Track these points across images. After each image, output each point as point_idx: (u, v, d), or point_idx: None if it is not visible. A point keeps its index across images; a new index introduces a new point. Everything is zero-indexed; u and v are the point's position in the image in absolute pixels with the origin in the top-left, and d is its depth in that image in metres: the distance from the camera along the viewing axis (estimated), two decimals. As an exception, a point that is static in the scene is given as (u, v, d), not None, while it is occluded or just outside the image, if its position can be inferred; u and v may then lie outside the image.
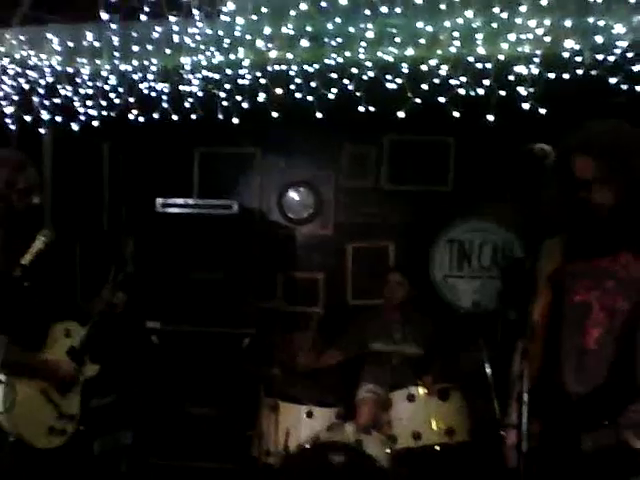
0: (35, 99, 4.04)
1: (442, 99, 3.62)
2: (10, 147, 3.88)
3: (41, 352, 2.85)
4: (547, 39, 3.12)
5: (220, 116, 3.82)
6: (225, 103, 3.87)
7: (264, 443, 3.98)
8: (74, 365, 2.89)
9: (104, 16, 2.54)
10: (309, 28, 3.40)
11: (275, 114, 3.88)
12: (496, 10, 2.89)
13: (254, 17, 3.09)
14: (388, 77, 3.65)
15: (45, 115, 4.09)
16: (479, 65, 3.49)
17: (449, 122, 3.77)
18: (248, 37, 3.33)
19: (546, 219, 2.01)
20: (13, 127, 4.20)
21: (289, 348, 4.80)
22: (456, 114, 3.62)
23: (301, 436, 3.92)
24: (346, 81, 3.77)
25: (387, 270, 4.81)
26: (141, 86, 3.94)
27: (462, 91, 3.59)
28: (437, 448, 3.83)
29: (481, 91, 3.58)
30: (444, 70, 3.58)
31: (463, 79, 3.53)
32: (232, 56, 3.56)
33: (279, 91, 3.75)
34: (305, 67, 3.70)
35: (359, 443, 3.75)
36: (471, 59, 3.42)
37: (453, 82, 3.56)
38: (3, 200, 2.73)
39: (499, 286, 5.01)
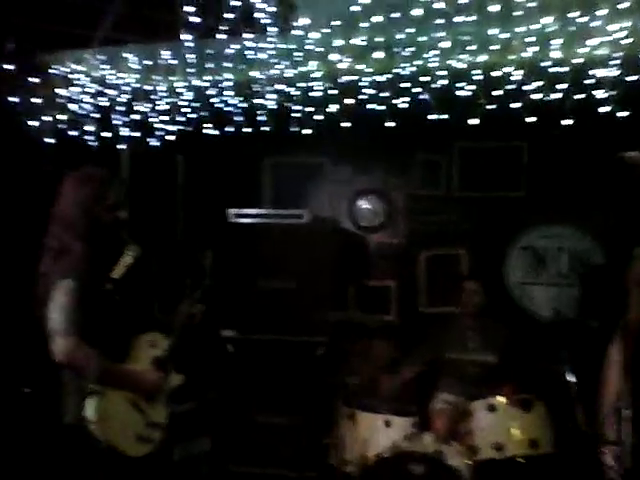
0: (114, 116, 4.19)
1: (516, 105, 3.57)
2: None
3: (127, 362, 2.87)
4: (627, 41, 3.02)
5: (292, 127, 3.86)
6: (296, 114, 3.92)
7: (342, 452, 3.98)
8: (160, 374, 2.91)
9: (184, 37, 2.61)
10: (380, 39, 3.41)
11: (346, 124, 3.90)
12: (573, 14, 2.82)
13: (326, 30, 3.11)
14: (460, 84, 3.62)
15: (123, 131, 4.23)
16: (554, 69, 3.42)
17: (522, 127, 3.70)
18: (320, 50, 3.36)
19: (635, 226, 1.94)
20: (93, 144, 4.37)
21: (364, 357, 4.79)
22: (530, 119, 3.55)
23: (379, 445, 3.88)
24: (417, 89, 3.77)
25: (462, 278, 4.74)
26: (215, 100, 4.03)
27: (536, 96, 3.53)
28: (520, 460, 3.75)
29: (556, 95, 3.51)
30: (518, 75, 3.53)
31: (537, 84, 3.47)
32: (303, 69, 3.59)
33: (350, 101, 3.77)
34: (376, 77, 3.71)
35: (439, 454, 3.70)
36: (546, 64, 3.35)
37: (527, 87, 3.50)
38: (91, 216, 2.77)
39: (579, 294, 4.86)
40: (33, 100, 3.90)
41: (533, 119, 3.54)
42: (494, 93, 3.55)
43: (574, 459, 3.90)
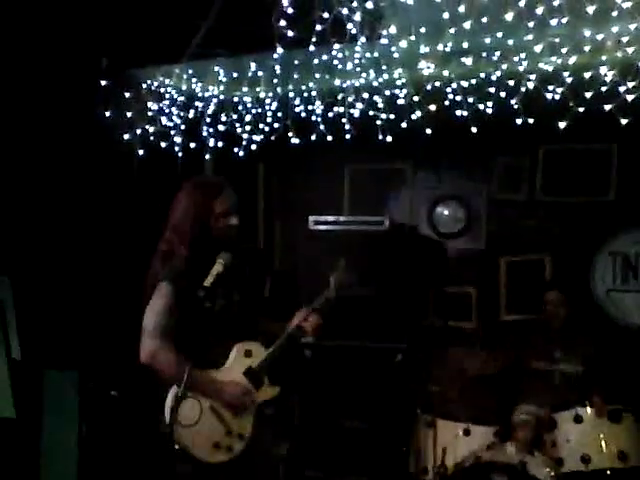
0: (201, 127, 4.31)
1: (607, 106, 3.47)
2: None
3: (220, 370, 2.88)
4: None
5: (376, 135, 3.88)
6: (379, 122, 3.94)
7: (420, 460, 3.96)
8: (245, 388, 2.84)
9: (279, 50, 2.67)
10: (466, 44, 3.39)
11: (428, 130, 3.89)
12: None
13: (412, 38, 3.12)
14: (549, 87, 3.56)
15: (210, 142, 4.35)
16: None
17: (610, 129, 3.60)
18: (405, 57, 3.37)
19: None
20: (180, 154, 4.51)
21: (444, 364, 4.75)
22: (624, 121, 3.45)
23: (457, 454, 3.86)
24: (503, 94, 3.72)
25: (544, 289, 4.61)
26: (299, 109, 4.09)
27: (630, 97, 3.43)
28: (609, 473, 3.64)
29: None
30: (610, 76, 3.44)
31: (631, 84, 3.37)
32: (389, 76, 3.61)
33: (434, 107, 3.76)
34: (461, 82, 3.69)
35: (523, 464, 3.63)
36: (641, 63, 3.25)
37: (620, 88, 3.40)
38: (199, 223, 2.84)
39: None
40: (125, 114, 4.05)
41: (625, 120, 3.43)
42: (584, 95, 3.45)
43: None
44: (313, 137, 4.11)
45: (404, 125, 3.91)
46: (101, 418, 4.15)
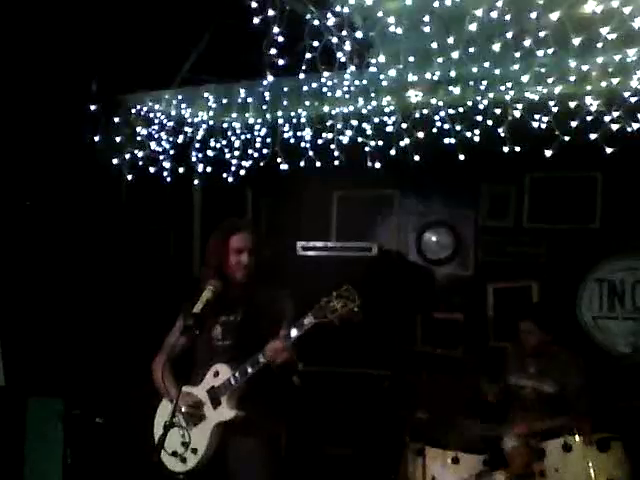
0: (190, 153, 4.33)
1: (593, 135, 3.52)
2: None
3: (193, 387, 3.03)
4: None
5: (365, 162, 3.91)
6: (368, 148, 3.97)
7: (409, 488, 3.93)
8: (208, 403, 2.97)
9: (269, 77, 2.69)
10: (453, 73, 3.44)
11: (417, 157, 3.92)
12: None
13: (401, 66, 3.16)
14: (535, 116, 3.60)
15: (199, 167, 4.36)
16: (634, 99, 3.38)
17: (596, 158, 3.65)
18: (394, 85, 3.41)
19: None
20: (168, 179, 4.50)
21: (432, 391, 4.73)
22: (609, 150, 3.50)
23: (446, 482, 3.84)
24: (490, 122, 3.76)
25: (519, 317, 4.59)
26: (288, 135, 4.12)
27: (615, 126, 3.48)
28: (597, 502, 3.63)
29: (636, 125, 3.45)
30: (595, 106, 3.49)
31: (616, 114, 3.42)
32: (377, 104, 3.64)
33: (422, 135, 3.79)
34: (449, 110, 3.73)
35: (512, 493, 3.62)
36: (626, 94, 3.31)
37: (605, 118, 3.46)
38: (218, 258, 3.07)
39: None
40: (114, 138, 4.05)
41: (610, 149, 3.48)
42: (570, 124, 3.50)
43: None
44: (302, 163, 4.13)
45: (392, 152, 3.94)
46: (86, 445, 4.10)
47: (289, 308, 3.07)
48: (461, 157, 3.85)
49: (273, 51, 2.73)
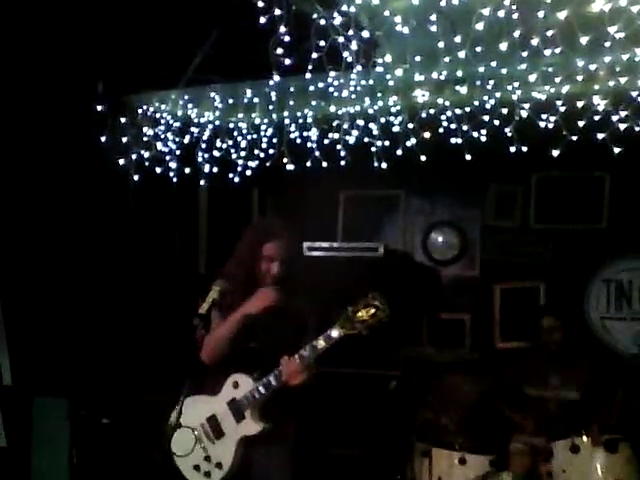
0: (196, 153, 4.33)
1: (600, 135, 3.51)
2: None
3: (210, 397, 2.94)
4: None
5: (371, 162, 3.90)
6: (374, 149, 3.96)
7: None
8: (231, 417, 2.87)
9: (276, 77, 2.68)
10: (460, 73, 3.43)
11: (423, 157, 3.91)
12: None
13: (407, 66, 3.15)
14: (542, 116, 3.59)
15: (205, 167, 4.36)
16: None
17: (603, 158, 3.63)
18: (400, 85, 3.40)
19: None
20: (174, 180, 4.51)
21: (439, 392, 4.72)
22: (616, 149, 3.48)
23: (453, 483, 3.83)
24: (496, 122, 3.75)
25: (540, 314, 4.61)
26: (294, 136, 4.11)
27: (622, 125, 3.46)
28: (605, 503, 3.62)
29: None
30: (602, 105, 3.48)
31: (623, 113, 3.41)
32: (383, 104, 3.64)
33: (428, 135, 3.78)
34: (455, 110, 3.72)
35: (519, 494, 3.61)
36: (634, 93, 3.29)
37: (613, 117, 3.44)
38: (247, 260, 2.97)
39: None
40: (121, 139, 4.06)
41: (618, 149, 3.46)
42: (577, 123, 3.49)
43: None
44: (308, 163, 4.12)
45: (399, 152, 3.93)
46: (92, 446, 4.10)
47: (312, 315, 2.98)
48: (468, 157, 3.84)
49: (280, 51, 2.72)
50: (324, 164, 4.12)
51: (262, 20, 2.66)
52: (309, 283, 4.80)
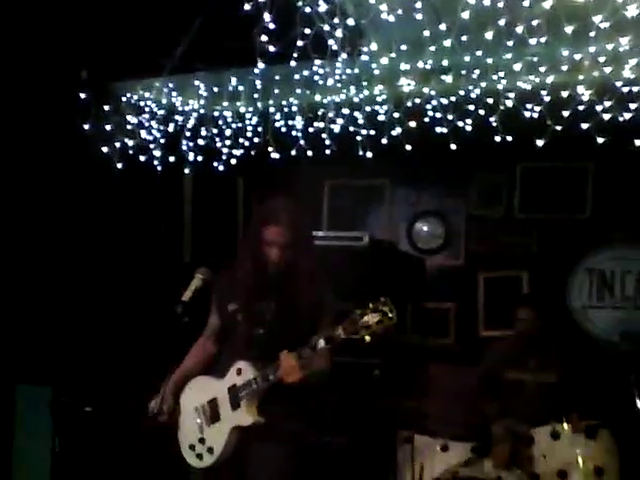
0: (181, 141, 4.30)
1: (584, 125, 3.52)
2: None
3: (217, 380, 2.89)
4: None
5: (356, 151, 3.90)
6: (360, 138, 3.96)
7: (398, 476, 3.95)
8: (228, 403, 2.81)
9: (260, 65, 2.67)
10: (446, 62, 3.43)
11: (408, 147, 3.91)
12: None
13: (393, 55, 3.14)
14: (527, 105, 3.60)
15: (190, 156, 4.34)
16: (626, 89, 3.38)
17: (587, 148, 3.66)
18: (386, 74, 3.39)
19: None
20: (159, 168, 4.48)
21: (422, 380, 4.75)
22: (600, 140, 3.50)
23: (435, 470, 3.85)
24: (482, 112, 3.76)
25: (516, 305, 4.62)
26: (279, 124, 4.10)
27: (606, 116, 3.49)
28: (585, 489, 3.66)
29: (627, 115, 3.46)
30: (587, 95, 3.50)
31: (608, 104, 3.43)
32: (369, 93, 3.63)
33: (413, 124, 3.78)
34: (441, 99, 3.72)
35: (499, 480, 3.64)
36: (618, 83, 3.31)
37: (597, 107, 3.46)
38: (250, 245, 2.89)
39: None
40: (105, 127, 4.02)
41: (602, 139, 3.48)
42: (562, 113, 3.50)
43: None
44: (293, 152, 4.11)
45: (384, 141, 3.93)
46: (75, 434, 4.09)
47: (326, 301, 2.86)
48: (453, 147, 3.84)
49: (264, 38, 2.70)
50: (309, 153, 4.11)
51: (247, 7, 2.63)
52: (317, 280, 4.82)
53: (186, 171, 4.56)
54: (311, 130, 4.05)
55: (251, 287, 2.85)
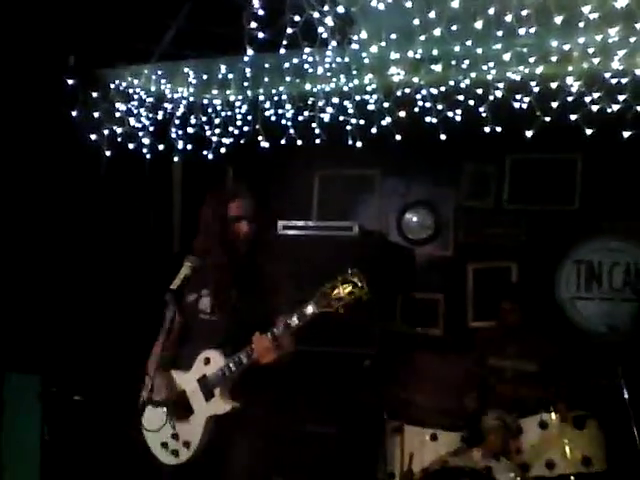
0: (170, 129, 4.28)
1: (573, 116, 3.53)
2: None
3: (183, 372, 2.87)
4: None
5: (346, 140, 3.89)
6: (349, 127, 3.95)
7: (388, 466, 3.97)
8: (200, 394, 2.78)
9: (249, 52, 2.65)
10: (436, 52, 3.43)
11: (398, 137, 3.91)
12: (637, 25, 2.80)
13: (383, 44, 3.14)
14: (516, 96, 3.61)
15: (179, 144, 4.31)
16: (614, 80, 3.39)
17: (576, 139, 3.67)
18: (376, 63, 3.39)
19: None
20: (148, 156, 4.46)
21: (411, 370, 4.76)
22: (589, 131, 3.51)
23: (425, 460, 3.87)
24: (471, 102, 3.76)
25: (500, 297, 4.60)
26: (269, 113, 4.08)
27: (595, 107, 3.50)
28: (573, 478, 3.68)
29: (616, 107, 3.47)
30: (576, 86, 3.51)
31: (596, 95, 3.44)
32: (359, 82, 3.62)
33: (403, 114, 3.78)
34: (431, 89, 3.72)
35: (488, 470, 3.66)
36: (607, 75, 3.32)
37: (586, 99, 3.47)
38: (213, 226, 2.87)
39: (633, 309, 4.77)
40: (92, 114, 3.99)
41: (590, 131, 3.49)
42: (551, 104, 3.51)
43: (628, 477, 3.83)
44: (283, 141, 4.10)
45: (374, 131, 3.92)
46: (64, 423, 4.08)
47: (287, 285, 2.87)
48: (442, 137, 3.84)
49: (254, 25, 2.69)
50: (299, 142, 4.10)
51: (236, -7, 2.62)
52: (283, 261, 4.82)
53: (175, 159, 4.53)
54: (301, 119, 4.04)
55: (226, 269, 2.83)
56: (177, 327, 2.90)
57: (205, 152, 4.41)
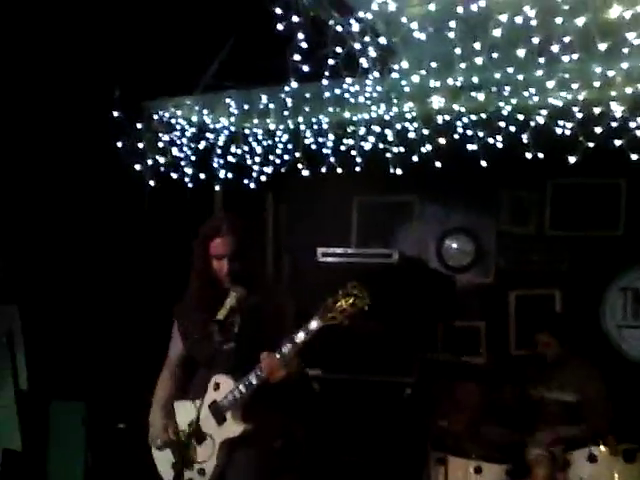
0: (212, 158, 4.34)
1: (617, 141, 3.49)
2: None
3: (191, 400, 2.88)
4: None
5: (386, 168, 3.90)
6: (389, 155, 3.96)
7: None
8: (213, 420, 2.79)
9: (294, 84, 2.69)
10: (476, 79, 3.43)
11: (438, 163, 3.91)
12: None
13: (424, 72, 3.15)
14: (558, 122, 3.58)
15: (220, 173, 4.37)
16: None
17: (620, 164, 3.61)
18: (416, 91, 3.40)
19: None
20: (190, 185, 4.53)
21: (454, 399, 4.69)
22: (634, 156, 3.46)
23: (469, 492, 3.81)
24: (512, 128, 3.75)
25: (535, 330, 4.51)
26: (309, 141, 4.12)
27: (639, 132, 3.45)
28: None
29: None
30: (619, 112, 3.47)
31: (640, 120, 3.40)
32: (399, 110, 3.64)
33: (443, 141, 3.78)
34: (471, 116, 3.72)
35: (535, 503, 3.58)
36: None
37: (630, 124, 3.43)
38: (200, 263, 2.91)
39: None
40: (137, 144, 4.08)
41: (635, 156, 3.44)
42: (594, 130, 3.47)
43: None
44: (323, 169, 4.12)
45: (414, 158, 3.93)
46: (108, 451, 4.11)
47: (289, 306, 2.89)
48: (483, 163, 3.83)
49: (297, 57, 2.73)
50: (339, 170, 4.12)
51: (280, 27, 2.66)
52: (322, 289, 4.82)
53: (217, 188, 4.59)
54: (341, 147, 4.06)
55: (204, 307, 2.87)
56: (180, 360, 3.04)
57: (246, 181, 4.47)
